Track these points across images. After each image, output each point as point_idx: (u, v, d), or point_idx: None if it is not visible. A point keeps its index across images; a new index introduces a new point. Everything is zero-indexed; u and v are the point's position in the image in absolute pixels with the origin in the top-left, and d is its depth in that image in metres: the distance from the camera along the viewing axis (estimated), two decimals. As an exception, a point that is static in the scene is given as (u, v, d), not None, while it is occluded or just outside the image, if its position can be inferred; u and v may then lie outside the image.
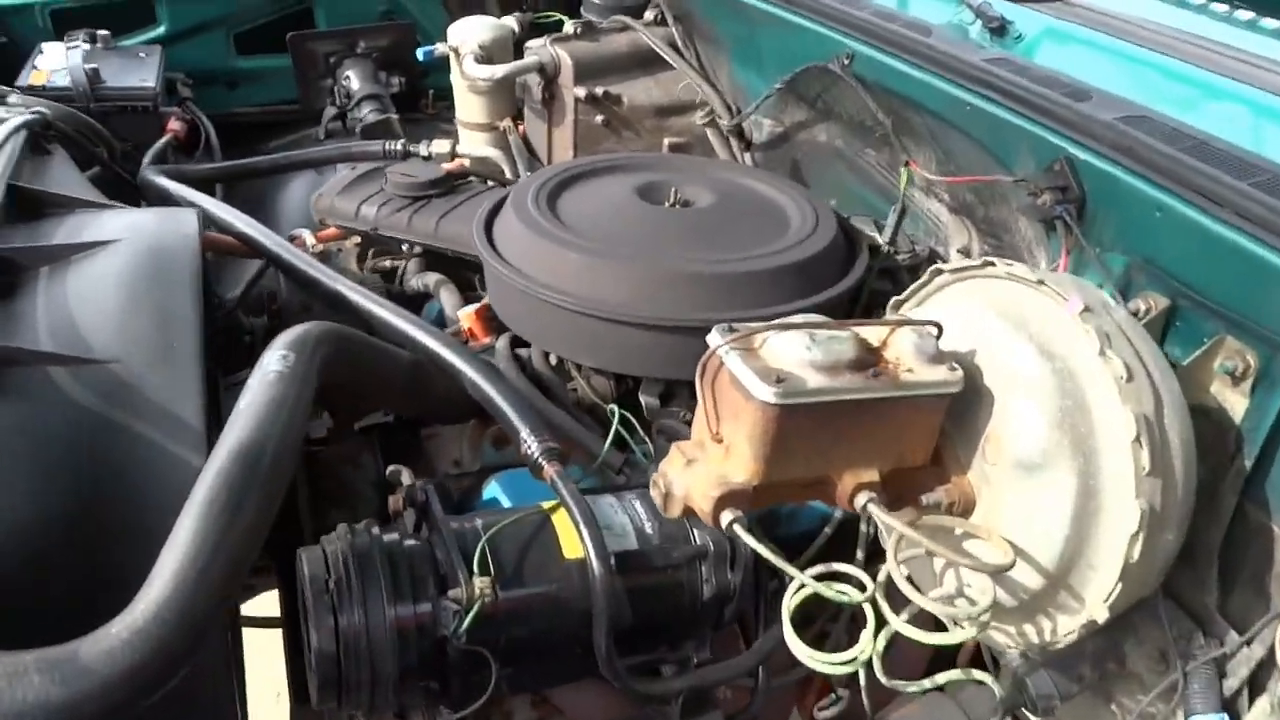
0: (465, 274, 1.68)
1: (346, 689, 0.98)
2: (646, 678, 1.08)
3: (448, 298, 1.59)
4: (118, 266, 1.19)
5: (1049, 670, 1.16)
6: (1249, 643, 1.03)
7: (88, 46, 2.07)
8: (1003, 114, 1.37)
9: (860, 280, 1.45)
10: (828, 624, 1.23)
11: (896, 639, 0.94)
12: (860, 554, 1.07)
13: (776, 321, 0.92)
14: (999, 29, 1.66)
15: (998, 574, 0.93)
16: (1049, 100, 1.33)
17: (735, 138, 2.02)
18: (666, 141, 2.07)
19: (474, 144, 2.16)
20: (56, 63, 2.00)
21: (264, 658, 1.53)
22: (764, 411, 0.86)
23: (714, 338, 0.91)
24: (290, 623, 1.38)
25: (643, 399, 1.40)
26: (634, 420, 1.33)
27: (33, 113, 1.54)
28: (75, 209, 1.36)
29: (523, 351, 1.44)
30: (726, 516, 0.88)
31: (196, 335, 1.12)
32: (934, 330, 0.96)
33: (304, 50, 2.41)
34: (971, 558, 0.93)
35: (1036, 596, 0.98)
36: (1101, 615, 0.94)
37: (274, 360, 1.05)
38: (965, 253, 1.58)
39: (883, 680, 1.00)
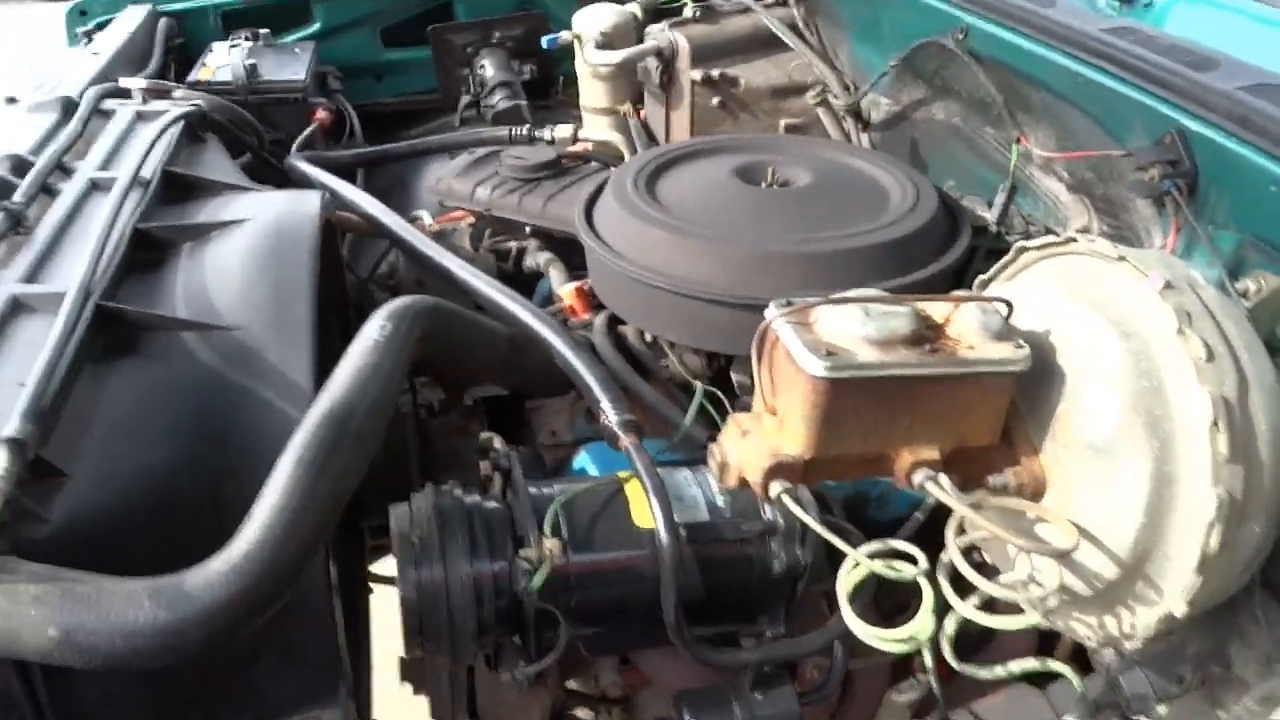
0: (575, 255, 1.73)
1: (427, 636, 1.05)
2: (719, 648, 1.10)
3: (555, 275, 1.65)
4: (245, 242, 1.30)
5: (1145, 669, 1.12)
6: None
7: (249, 44, 2.25)
8: (1114, 85, 1.32)
9: (961, 259, 1.42)
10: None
11: (982, 632, 0.93)
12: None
13: (834, 296, 0.92)
14: (1130, -3, 1.58)
15: (1060, 557, 0.90)
16: (1163, 69, 1.26)
17: (853, 117, 1.99)
18: (783, 123, 2.06)
19: (596, 128, 2.22)
20: (222, 60, 2.18)
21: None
22: (814, 384, 0.87)
23: (770, 310, 0.93)
24: None
25: (734, 377, 1.42)
26: (724, 398, 1.36)
27: (190, 105, 1.69)
28: (219, 191, 1.50)
29: (620, 329, 1.49)
30: (775, 488, 0.89)
31: (310, 305, 1.22)
32: (1001, 307, 0.94)
33: (443, 41, 2.53)
34: (1032, 540, 0.91)
35: (1112, 586, 0.94)
36: (1180, 609, 0.90)
37: (373, 329, 1.13)
38: (1086, 233, 1.52)
39: (953, 664, 0.99)
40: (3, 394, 0.97)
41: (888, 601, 1.26)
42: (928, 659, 0.97)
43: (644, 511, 1.09)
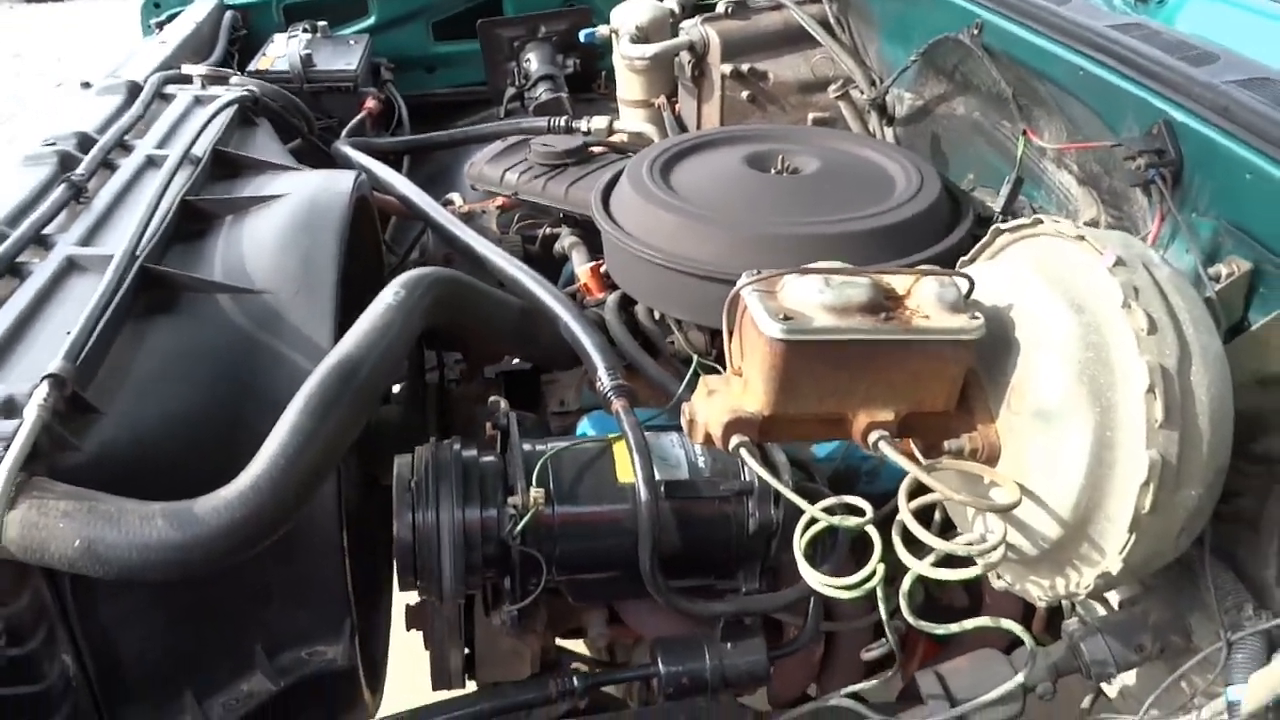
0: (597, 239, 1.81)
1: (419, 575, 1.14)
2: (693, 598, 1.17)
3: (577, 257, 1.73)
4: (280, 216, 1.41)
5: (1107, 637, 1.16)
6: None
7: (307, 36, 2.38)
8: (1110, 78, 1.35)
9: (959, 244, 1.46)
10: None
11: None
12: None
13: (799, 267, 0.98)
14: (1142, -7, 1.60)
15: (1003, 513, 0.95)
16: (1158, 63, 1.29)
17: (877, 112, 2.04)
18: (811, 116, 2.12)
19: (631, 120, 2.29)
20: (281, 50, 2.31)
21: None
22: (771, 346, 0.93)
23: (741, 280, 0.99)
24: None
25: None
26: (721, 371, 1.42)
27: (245, 91, 1.82)
28: (263, 170, 1.61)
29: (632, 309, 1.56)
30: (734, 440, 0.96)
31: (334, 274, 1.32)
32: (962, 283, 0.99)
33: (491, 35, 2.64)
34: (978, 497, 0.96)
35: (1058, 546, 0.99)
36: (1116, 567, 0.94)
37: (389, 294, 1.23)
38: (1094, 225, 1.55)
39: (909, 619, 1.04)
40: (52, 340, 1.09)
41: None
42: (882, 610, 1.02)
43: (628, 469, 1.16)
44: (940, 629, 1.07)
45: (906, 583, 1.02)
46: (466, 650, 1.36)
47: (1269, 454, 1.06)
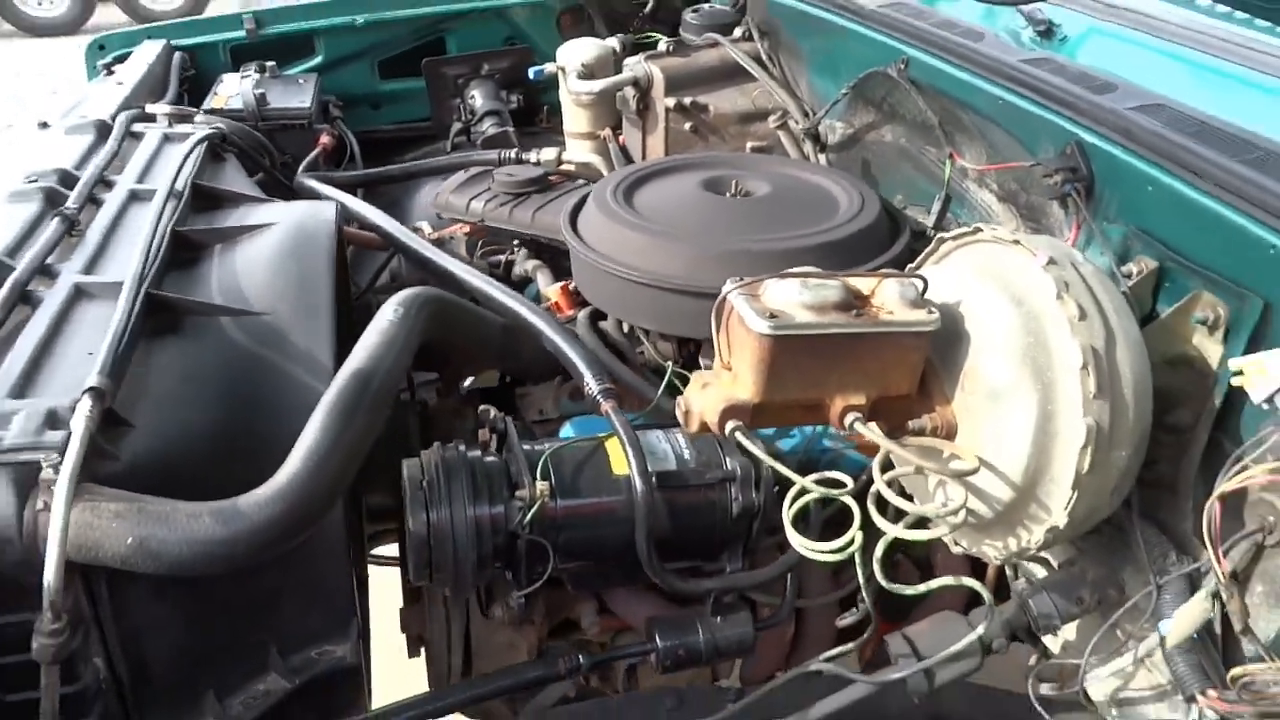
0: (560, 261, 1.92)
1: (435, 568, 1.22)
2: (684, 577, 1.28)
3: (542, 279, 1.84)
4: (271, 243, 1.49)
5: (1051, 593, 1.30)
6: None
7: (257, 75, 2.44)
8: (1027, 106, 1.53)
9: (898, 256, 1.61)
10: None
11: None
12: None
13: (778, 273, 1.11)
14: (1046, 32, 1.80)
15: (963, 477, 1.09)
16: (1067, 92, 1.47)
17: (811, 141, 2.20)
18: (749, 145, 2.27)
19: (578, 151, 2.42)
20: (233, 89, 2.37)
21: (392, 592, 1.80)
22: (760, 341, 1.06)
23: (727, 285, 1.12)
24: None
25: (702, 361, 1.61)
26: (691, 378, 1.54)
27: (212, 128, 1.88)
28: (241, 202, 1.68)
29: (601, 324, 1.68)
30: (730, 425, 1.08)
31: (329, 294, 1.40)
32: (918, 282, 1.14)
33: (436, 73, 2.74)
34: (942, 466, 1.10)
35: (1010, 508, 1.13)
36: (1062, 521, 1.09)
37: (388, 311, 1.32)
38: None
39: (882, 582, 1.17)
40: (76, 361, 1.15)
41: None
42: (860, 574, 1.15)
43: (621, 463, 1.27)
44: (910, 589, 1.20)
45: (881, 546, 1.15)
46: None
47: (1179, 425, 1.22)
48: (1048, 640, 1.40)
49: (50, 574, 0.91)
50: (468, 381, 1.80)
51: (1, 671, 1.03)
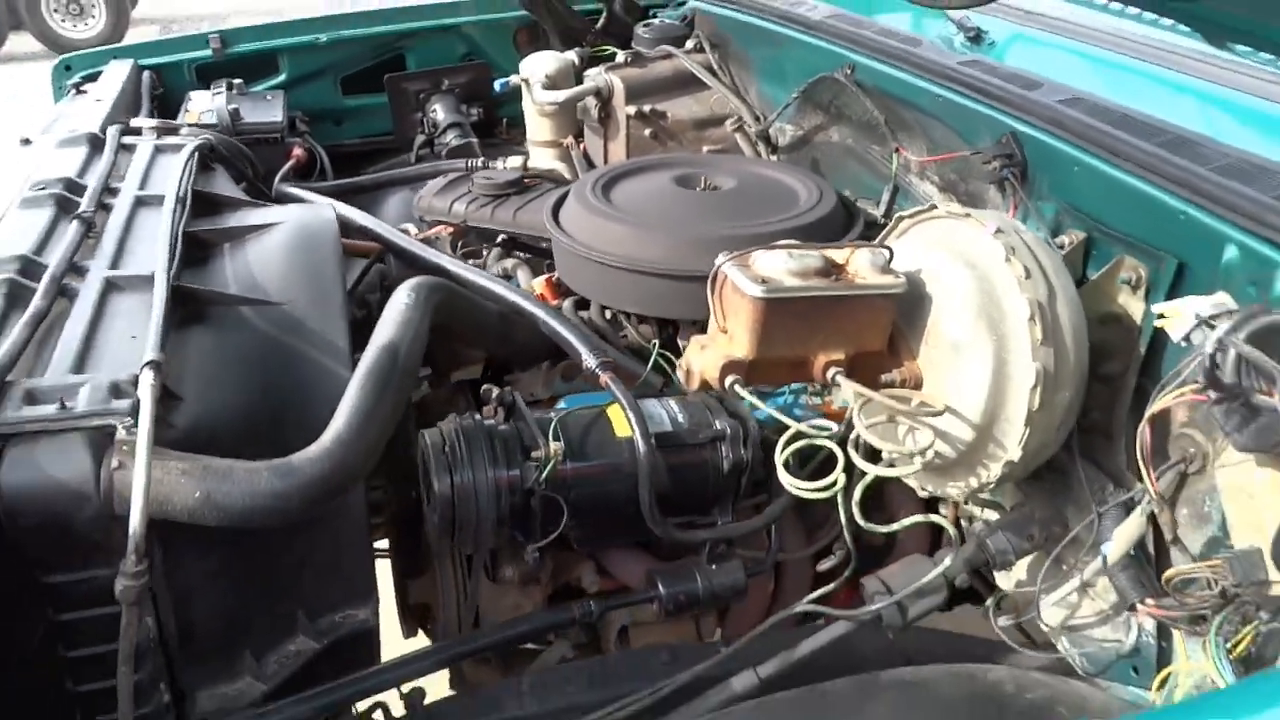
0: (537, 258, 2.05)
1: (459, 527, 1.33)
2: (683, 529, 1.41)
3: (523, 275, 1.96)
4: (279, 240, 1.59)
5: (1004, 532, 1.46)
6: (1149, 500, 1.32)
7: (227, 92, 2.52)
8: (967, 102, 1.70)
9: (855, 241, 1.77)
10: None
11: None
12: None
13: (766, 245, 1.26)
14: (975, 38, 1.99)
15: (930, 421, 1.24)
16: (1001, 89, 1.65)
17: (763, 143, 2.37)
18: (705, 149, 2.42)
19: (542, 159, 2.55)
20: (204, 105, 2.44)
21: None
22: (754, 303, 1.20)
23: (720, 258, 1.26)
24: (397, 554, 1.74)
25: (680, 341, 1.74)
26: (671, 357, 1.68)
27: (201, 139, 1.96)
28: (238, 207, 1.77)
29: (584, 313, 1.80)
30: (729, 379, 1.22)
31: (340, 284, 1.51)
32: (884, 252, 1.29)
33: (398, 89, 2.84)
34: (910, 408, 1.25)
35: (972, 448, 1.29)
36: (1017, 455, 1.25)
37: (402, 295, 1.43)
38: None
39: (860, 522, 1.32)
40: (119, 344, 1.24)
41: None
42: (842, 513, 1.29)
43: (622, 427, 1.40)
44: (882, 528, 1.35)
45: (859, 490, 1.29)
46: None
47: (1111, 374, 1.40)
48: (1001, 578, 1.57)
49: (135, 519, 1.00)
50: (455, 376, 1.91)
51: (69, 626, 1.12)
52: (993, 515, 1.55)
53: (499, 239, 2.08)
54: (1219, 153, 1.36)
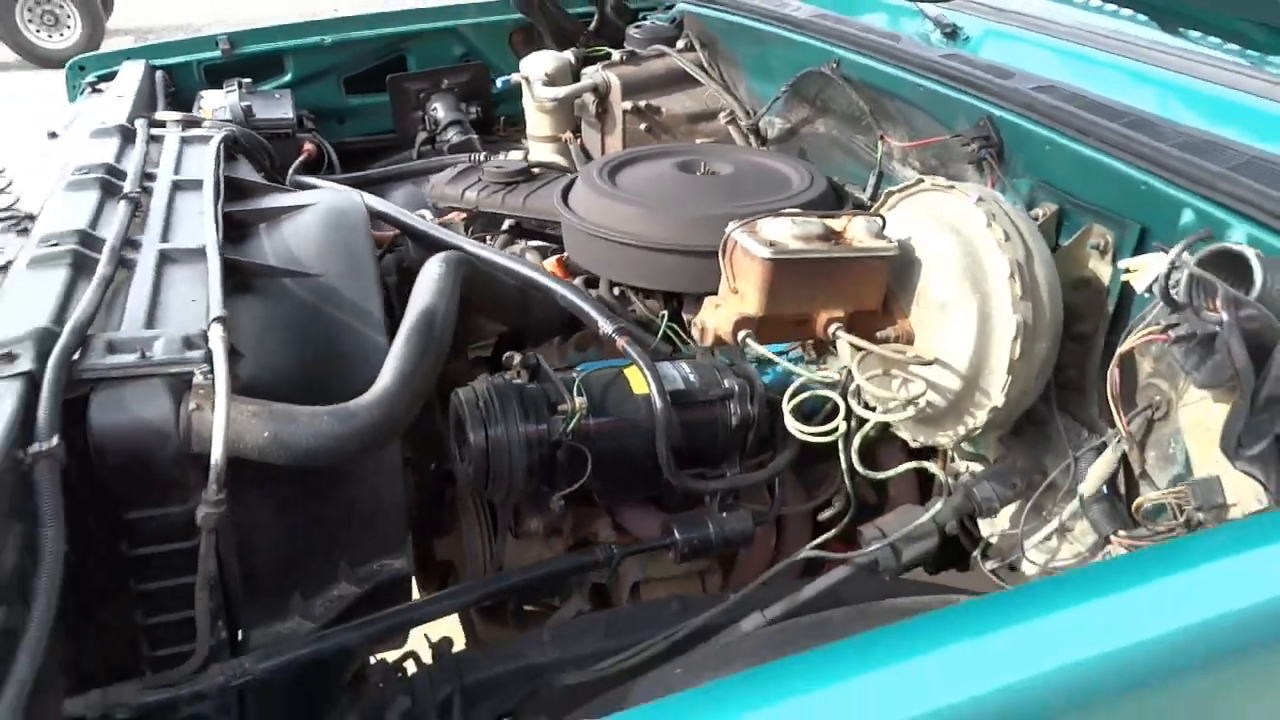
0: (544, 242, 2.17)
1: (493, 478, 1.45)
2: (696, 479, 1.53)
3: (532, 257, 2.08)
4: (312, 220, 1.69)
5: (989, 481, 1.60)
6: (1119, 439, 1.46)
7: (239, 90, 2.63)
8: (946, 91, 1.84)
9: (845, 222, 1.91)
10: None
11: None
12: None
13: (772, 212, 1.39)
14: (951, 34, 2.14)
15: (921, 370, 1.38)
16: (978, 78, 1.80)
17: (753, 135, 2.51)
18: (699, 142, 2.56)
19: (542, 153, 2.67)
20: (216, 103, 2.54)
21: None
22: (762, 264, 1.33)
23: (730, 225, 1.39)
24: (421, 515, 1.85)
25: (685, 316, 1.87)
26: (678, 329, 1.81)
27: (226, 130, 2.07)
28: (266, 192, 1.88)
29: (593, 290, 1.92)
30: (741, 334, 1.34)
31: (372, 259, 1.62)
32: (878, 220, 1.43)
33: (400, 88, 2.96)
34: (904, 358, 1.38)
35: (960, 397, 1.42)
36: (1000, 401, 1.38)
37: (434, 268, 1.55)
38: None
39: (859, 469, 1.45)
40: (181, 306, 1.34)
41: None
42: (842, 459, 1.42)
43: (640, 385, 1.52)
44: (879, 474, 1.48)
45: (859, 437, 1.42)
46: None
47: (1083, 333, 1.54)
48: (986, 525, 1.70)
49: (217, 451, 1.11)
50: (471, 352, 2.02)
51: (142, 561, 1.22)
52: (978, 468, 1.69)
53: (505, 225, 2.20)
54: (1175, 131, 1.51)
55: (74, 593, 1.09)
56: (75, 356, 1.16)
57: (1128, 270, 1.30)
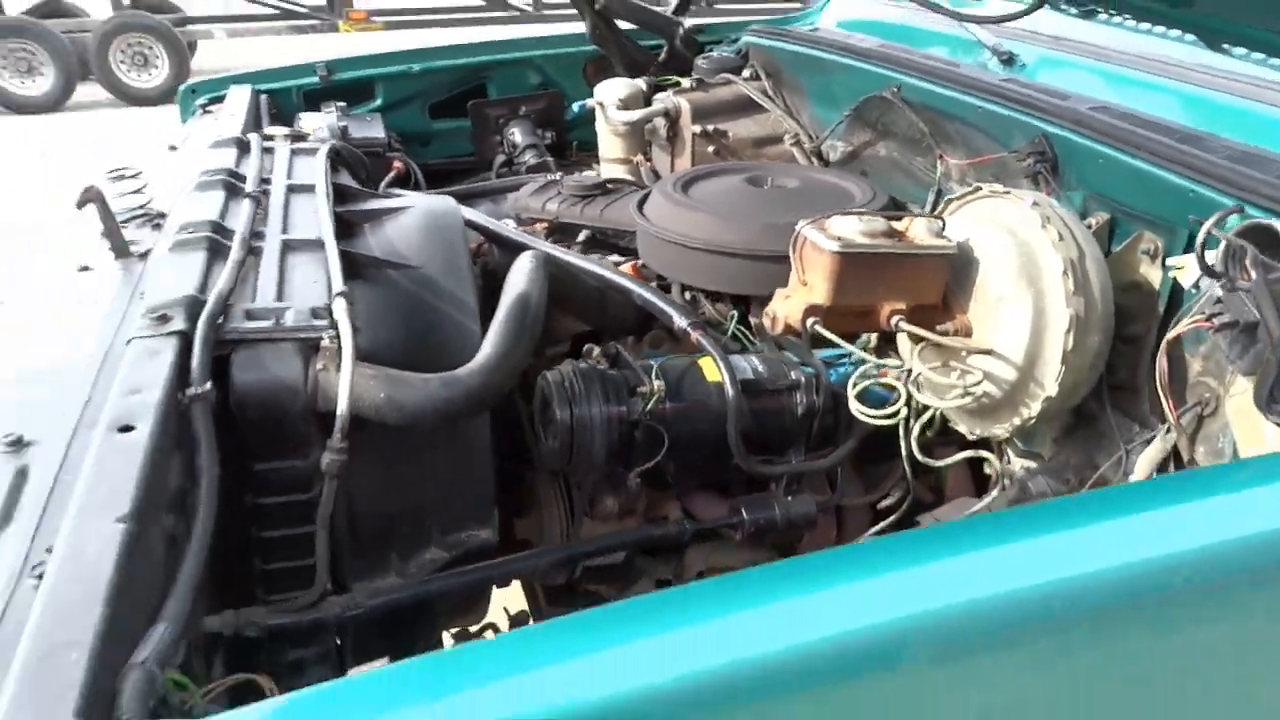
0: (618, 254, 2.31)
1: (576, 453, 1.57)
2: (764, 463, 1.64)
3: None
4: (413, 220, 1.85)
5: (1044, 476, 1.68)
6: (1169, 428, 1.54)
7: (336, 112, 2.82)
8: (1003, 111, 1.96)
9: (906, 233, 2.02)
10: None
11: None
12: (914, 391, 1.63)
13: (840, 210, 1.51)
14: (1008, 60, 2.25)
15: (978, 354, 1.48)
16: (1034, 98, 1.91)
17: (816, 158, 2.63)
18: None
19: (613, 175, 2.82)
20: (315, 123, 2.74)
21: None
22: (831, 257, 1.45)
23: (800, 224, 1.51)
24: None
25: (752, 319, 1.99)
26: (746, 331, 1.93)
27: (331, 143, 2.25)
28: (370, 197, 2.05)
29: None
30: (809, 321, 1.46)
31: (466, 255, 1.76)
32: (938, 222, 1.54)
33: (481, 114, 3.14)
34: (962, 344, 1.48)
35: (1015, 387, 1.52)
36: (1054, 390, 1.48)
37: (526, 262, 1.69)
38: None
39: (917, 455, 1.54)
40: (306, 286, 1.50)
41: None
42: (902, 444, 1.52)
43: (713, 374, 1.64)
44: (938, 462, 1.57)
45: (918, 426, 1.52)
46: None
47: (1134, 335, 1.62)
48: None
49: (342, 404, 1.25)
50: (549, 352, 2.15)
51: (265, 510, 1.36)
52: (1033, 464, 1.77)
53: (581, 236, 2.34)
54: (1223, 145, 1.60)
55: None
56: (219, 321, 1.31)
57: (1175, 268, 1.40)
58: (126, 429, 1.06)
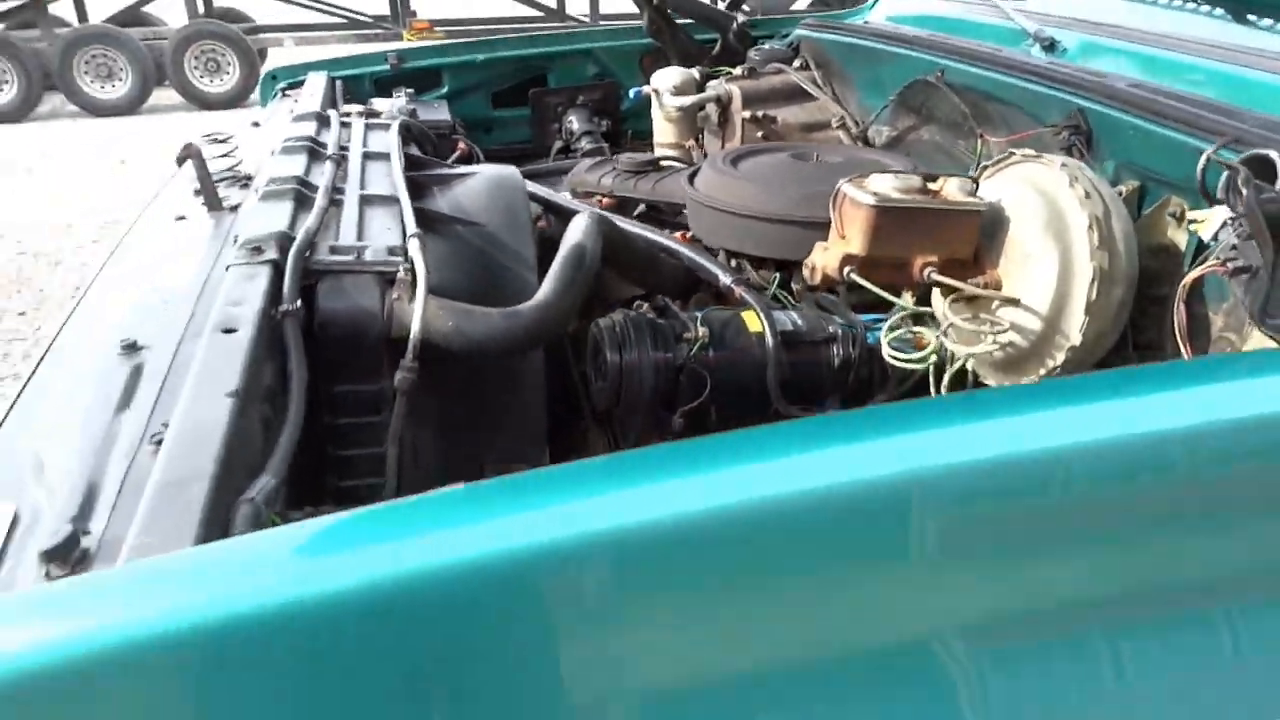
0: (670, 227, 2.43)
1: (626, 392, 1.68)
2: (800, 411, 1.74)
3: (660, 236, 2.33)
4: (478, 183, 1.99)
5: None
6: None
7: (405, 97, 2.99)
8: (1042, 89, 2.04)
9: (945, 205, 2.11)
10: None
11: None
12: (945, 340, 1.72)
13: (874, 172, 1.61)
14: (1049, 45, 2.33)
15: (1006, 304, 1.56)
16: (1070, 77, 1.99)
17: (862, 143, 2.73)
18: (811, 148, 2.79)
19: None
20: (385, 107, 2.90)
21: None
22: (867, 211, 1.55)
23: (841, 182, 1.61)
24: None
25: (794, 285, 2.09)
26: (788, 293, 2.03)
27: (402, 118, 2.41)
28: (438, 166, 2.19)
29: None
30: (846, 269, 1.56)
31: (528, 214, 1.89)
32: (970, 182, 1.63)
33: (541, 102, 3.29)
34: (991, 294, 1.57)
35: (1041, 337, 1.60)
36: (1078, 340, 1.56)
37: (582, 219, 1.81)
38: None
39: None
40: (382, 232, 1.64)
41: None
42: (932, 391, 1.61)
43: (754, 325, 1.74)
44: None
45: (948, 375, 1.61)
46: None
47: (1161, 296, 1.70)
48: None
49: (415, 326, 1.38)
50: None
51: (339, 430, 1.49)
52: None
53: (635, 211, 2.47)
54: (1250, 115, 1.67)
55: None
56: (306, 254, 1.45)
57: (1195, 221, 1.47)
58: (230, 330, 1.20)
